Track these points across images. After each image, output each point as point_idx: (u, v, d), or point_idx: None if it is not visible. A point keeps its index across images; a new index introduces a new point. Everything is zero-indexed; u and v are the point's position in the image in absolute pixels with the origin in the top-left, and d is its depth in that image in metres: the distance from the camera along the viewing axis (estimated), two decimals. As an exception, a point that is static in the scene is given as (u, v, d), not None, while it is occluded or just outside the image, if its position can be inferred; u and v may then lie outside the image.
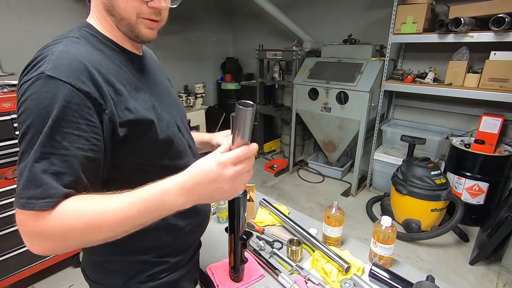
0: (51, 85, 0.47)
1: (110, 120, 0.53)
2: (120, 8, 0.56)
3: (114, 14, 0.57)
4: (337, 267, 0.93)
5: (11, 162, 1.63)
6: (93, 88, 0.51)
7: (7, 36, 2.50)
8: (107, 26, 0.61)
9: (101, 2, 0.58)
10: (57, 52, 0.50)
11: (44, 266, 1.79)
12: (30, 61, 0.51)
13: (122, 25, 0.59)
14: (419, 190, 2.28)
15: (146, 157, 0.63)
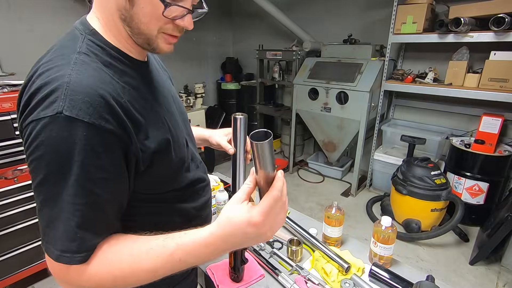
0: (72, 127, 0.41)
1: (134, 155, 0.50)
2: (141, 23, 0.50)
3: (132, 26, 0.51)
4: (337, 267, 0.93)
5: (11, 162, 1.63)
6: (116, 125, 0.46)
7: (7, 36, 2.50)
8: (116, 33, 0.53)
9: (115, 9, 0.50)
10: (72, 84, 0.43)
11: (44, 266, 1.79)
12: (35, 89, 0.43)
13: (139, 37, 0.53)
14: (419, 190, 2.28)
15: (163, 182, 0.60)
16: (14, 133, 1.60)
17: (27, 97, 0.44)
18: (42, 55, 0.51)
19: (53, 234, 0.44)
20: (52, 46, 0.52)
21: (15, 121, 1.59)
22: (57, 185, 0.43)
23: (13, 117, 1.58)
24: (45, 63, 0.46)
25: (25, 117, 0.44)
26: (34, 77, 0.46)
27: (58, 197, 0.43)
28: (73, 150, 0.42)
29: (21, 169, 1.63)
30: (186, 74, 4.06)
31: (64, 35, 0.53)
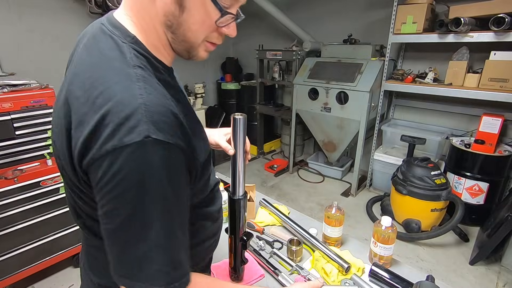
0: (161, 150, 0.39)
1: (195, 169, 0.49)
2: (189, 30, 0.48)
3: (177, 33, 0.48)
4: (337, 267, 0.93)
5: (11, 162, 1.63)
6: (186, 142, 0.44)
7: (7, 36, 2.50)
8: (154, 40, 0.49)
9: (161, 15, 0.46)
10: (148, 105, 0.39)
11: (44, 266, 1.79)
12: (105, 112, 0.38)
13: (180, 45, 0.50)
14: (419, 190, 2.28)
15: (202, 192, 0.59)
16: (14, 133, 1.60)
17: (96, 121, 0.38)
18: (73, 64, 0.46)
19: (149, 269, 0.41)
20: (83, 55, 0.46)
21: (15, 121, 1.59)
22: (151, 215, 0.40)
23: (13, 117, 1.58)
24: (100, 79, 0.41)
25: (101, 145, 0.38)
26: (91, 94, 0.40)
27: (151, 229, 0.40)
28: (164, 174, 0.40)
29: (21, 169, 1.63)
30: (186, 74, 4.06)
31: (97, 41, 0.46)
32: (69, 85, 0.46)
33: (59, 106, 0.49)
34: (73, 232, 1.86)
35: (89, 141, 0.39)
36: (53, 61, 2.74)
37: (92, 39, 0.47)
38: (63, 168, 0.50)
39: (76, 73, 0.45)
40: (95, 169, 0.39)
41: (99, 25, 0.49)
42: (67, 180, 0.51)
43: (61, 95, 0.49)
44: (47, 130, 1.72)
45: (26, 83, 1.69)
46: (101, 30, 0.48)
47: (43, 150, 1.73)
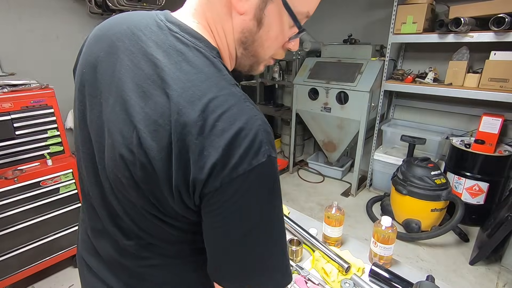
0: (275, 165, 0.42)
1: None
2: (261, 46, 0.48)
3: (249, 49, 0.49)
4: (337, 267, 0.93)
5: (11, 162, 1.63)
6: None
7: (7, 36, 2.50)
8: (226, 55, 0.50)
9: (238, 31, 0.46)
10: (263, 126, 0.41)
11: (44, 266, 1.79)
12: (234, 136, 0.38)
13: (249, 59, 0.51)
14: (419, 190, 2.28)
15: None
16: (14, 133, 1.60)
17: (223, 147, 0.38)
18: (182, 80, 0.41)
19: (272, 272, 0.46)
20: (184, 71, 0.41)
21: (15, 121, 1.59)
22: (272, 225, 0.44)
23: (13, 117, 1.58)
24: (214, 100, 0.39)
25: (232, 170, 0.38)
26: (208, 117, 0.38)
27: (272, 237, 0.44)
28: (278, 187, 0.44)
29: (21, 169, 1.63)
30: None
31: (184, 55, 0.43)
32: (171, 110, 0.40)
33: (152, 136, 0.41)
34: (73, 232, 1.86)
35: (217, 167, 0.38)
36: (53, 61, 2.74)
37: (172, 51, 0.43)
38: (152, 194, 0.44)
39: (179, 93, 0.40)
40: (222, 191, 0.39)
41: (169, 33, 0.45)
42: (148, 203, 0.45)
43: (141, 119, 0.42)
44: (47, 130, 1.72)
45: (26, 83, 1.69)
46: (179, 41, 0.44)
47: (43, 150, 1.73)
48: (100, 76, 0.48)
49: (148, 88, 0.42)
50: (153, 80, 0.42)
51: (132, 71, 0.44)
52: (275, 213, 0.44)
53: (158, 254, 0.52)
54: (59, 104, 1.75)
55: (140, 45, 0.45)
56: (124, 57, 0.45)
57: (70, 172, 1.78)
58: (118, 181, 0.46)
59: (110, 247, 0.55)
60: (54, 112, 1.73)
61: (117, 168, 0.45)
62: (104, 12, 2.81)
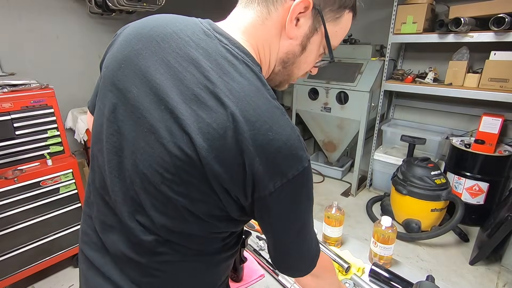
0: (310, 168, 0.48)
1: None
2: (298, 68, 0.57)
3: (287, 68, 0.56)
4: (337, 267, 0.93)
5: (11, 162, 1.63)
6: None
7: (7, 36, 2.50)
8: (265, 71, 0.55)
9: (283, 52, 0.53)
10: (299, 135, 0.47)
11: (44, 266, 1.79)
12: (280, 146, 0.43)
13: (283, 77, 0.58)
14: (419, 190, 2.28)
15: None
16: (14, 133, 1.60)
17: (272, 155, 0.43)
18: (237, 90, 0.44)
19: (313, 252, 0.58)
20: (238, 82, 0.44)
21: (15, 121, 1.59)
22: (311, 220, 0.55)
23: (13, 117, 1.58)
24: (265, 113, 0.44)
25: (282, 176, 0.44)
26: (261, 128, 0.42)
27: (311, 228, 0.56)
28: (312, 184, 0.51)
29: (21, 169, 1.63)
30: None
31: (235, 66, 0.46)
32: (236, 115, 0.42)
33: (206, 140, 0.43)
34: (73, 232, 1.86)
35: (267, 174, 0.43)
36: (53, 61, 2.74)
37: (224, 61, 0.46)
38: (184, 191, 0.47)
39: (235, 103, 0.43)
40: (276, 195, 0.45)
41: (218, 43, 0.47)
42: (183, 200, 0.47)
43: (195, 123, 0.43)
44: (47, 130, 1.72)
45: (26, 83, 1.69)
46: (230, 53, 0.47)
47: (43, 150, 1.73)
48: (140, 73, 0.48)
49: (199, 92, 0.44)
50: (205, 85, 0.44)
51: (181, 74, 0.46)
52: (311, 207, 0.53)
53: (174, 250, 0.53)
54: (59, 104, 1.75)
55: (189, 50, 0.47)
56: (171, 58, 0.47)
57: (70, 172, 1.78)
58: (159, 177, 0.47)
59: (122, 242, 0.55)
60: (54, 112, 1.73)
61: (158, 163, 0.46)
62: (104, 12, 2.80)
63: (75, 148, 2.86)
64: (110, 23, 3.12)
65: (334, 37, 0.54)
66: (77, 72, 2.85)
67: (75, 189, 1.82)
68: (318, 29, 0.52)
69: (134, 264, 0.55)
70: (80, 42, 3.02)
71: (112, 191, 0.53)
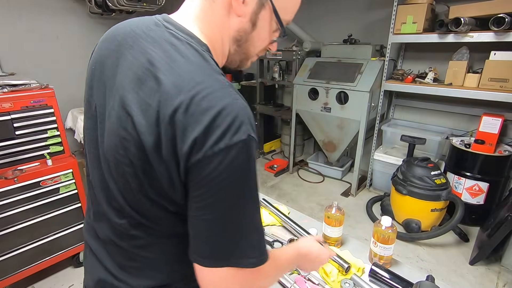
0: (255, 146, 0.46)
1: None
2: (252, 45, 0.57)
3: (242, 47, 0.57)
4: (337, 267, 0.93)
5: (11, 162, 1.63)
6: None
7: (7, 36, 2.50)
8: (218, 51, 0.55)
9: (234, 30, 0.54)
10: (245, 109, 0.45)
11: (44, 266, 1.79)
12: (215, 115, 0.42)
13: (240, 56, 0.59)
14: (419, 190, 2.28)
15: None
16: (14, 133, 1.60)
17: (206, 123, 0.42)
18: (173, 68, 0.46)
19: (247, 244, 0.49)
20: (175, 60, 0.47)
21: (15, 121, 1.59)
22: (252, 200, 0.48)
23: (13, 117, 1.58)
24: (200, 84, 0.44)
25: (214, 144, 0.42)
26: (194, 98, 0.43)
27: (249, 212, 0.48)
28: (255, 166, 0.47)
29: (21, 169, 1.63)
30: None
31: (177, 47, 0.48)
32: (160, 93, 0.45)
33: (144, 116, 0.46)
34: (73, 232, 1.86)
35: (199, 141, 0.43)
36: (53, 61, 2.74)
37: (166, 43, 0.49)
38: (143, 172, 0.48)
39: (168, 78, 0.45)
40: (204, 165, 0.43)
41: (165, 30, 0.51)
42: (138, 181, 0.49)
43: (135, 102, 0.47)
44: (47, 130, 1.72)
45: (26, 83, 1.69)
46: (173, 36, 0.50)
47: (43, 150, 1.73)
48: (106, 71, 0.54)
49: (142, 75, 0.48)
50: (147, 68, 0.47)
51: (130, 63, 0.50)
52: (252, 192, 0.48)
53: (147, 233, 0.56)
54: (59, 104, 1.75)
55: (140, 41, 0.51)
56: (127, 53, 0.52)
57: (70, 172, 1.78)
58: (116, 161, 0.51)
59: (107, 228, 0.59)
60: (54, 112, 1.73)
61: (115, 149, 0.50)
62: (104, 12, 2.81)
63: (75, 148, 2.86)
64: (110, 23, 3.12)
65: (284, 11, 0.55)
66: (77, 72, 2.85)
67: (75, 189, 1.83)
68: (265, 4, 0.53)
69: (118, 249, 0.59)
70: (80, 42, 3.02)
71: (93, 180, 0.60)
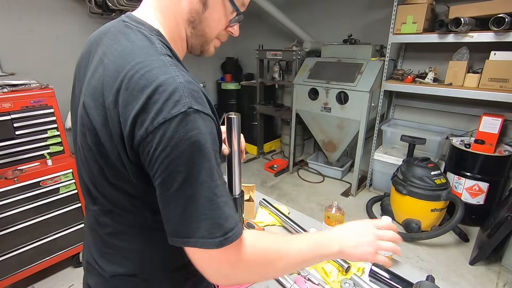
0: (201, 119, 0.45)
1: (220, 148, 0.57)
2: (208, 26, 0.57)
3: (197, 28, 0.57)
4: (337, 267, 0.93)
5: (11, 162, 1.63)
6: (216, 118, 0.51)
7: (7, 36, 2.50)
8: (174, 35, 0.56)
9: (185, 12, 0.54)
10: (185, 84, 0.45)
11: (44, 266, 1.79)
12: (152, 92, 0.43)
13: (198, 39, 0.59)
14: (419, 190, 2.28)
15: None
16: (14, 133, 1.60)
17: (143, 100, 0.43)
18: (103, 57, 0.50)
19: (206, 225, 0.45)
20: (113, 47, 0.50)
21: (15, 121, 1.59)
22: (207, 174, 0.45)
23: (13, 117, 1.58)
24: (140, 63, 0.46)
25: (152, 119, 0.43)
26: (133, 76, 0.45)
27: (205, 187, 0.45)
28: (209, 138, 0.46)
29: (21, 169, 1.63)
30: (186, 74, 4.06)
31: (125, 34, 0.51)
32: (104, 75, 0.48)
33: (92, 99, 0.50)
34: (73, 232, 1.86)
35: (139, 118, 0.44)
36: (53, 61, 2.74)
37: (119, 33, 0.52)
38: (100, 155, 0.51)
39: (112, 61, 0.49)
40: (148, 142, 0.44)
41: (122, 23, 0.54)
42: (98, 166, 0.52)
43: (88, 88, 0.51)
44: (47, 130, 1.72)
45: (26, 83, 1.69)
46: (126, 26, 0.53)
47: (43, 150, 1.73)
48: (81, 72, 0.58)
49: (96, 66, 0.52)
50: (100, 58, 0.51)
51: (94, 59, 0.54)
52: (205, 165, 0.45)
53: (116, 221, 0.58)
54: (59, 104, 1.75)
55: (103, 39, 0.54)
56: (94, 53, 0.55)
57: (70, 172, 1.79)
58: (81, 149, 0.56)
59: (91, 216, 0.63)
60: (54, 112, 1.73)
61: (80, 136, 0.55)
62: (104, 12, 2.81)
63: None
64: (110, 23, 3.13)
65: None
66: (77, 72, 2.86)
67: (75, 189, 1.83)
68: None
69: (96, 235, 0.62)
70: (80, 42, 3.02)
71: (78, 171, 0.64)
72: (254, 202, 1.27)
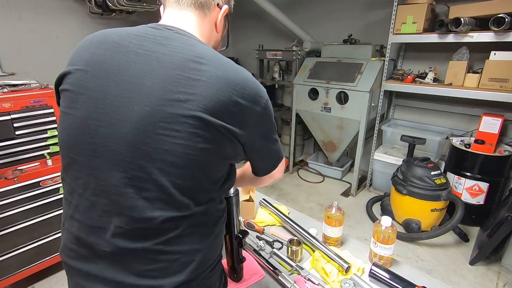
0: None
1: None
2: (217, 48, 0.78)
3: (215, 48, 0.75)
4: (337, 267, 0.93)
5: (11, 162, 1.63)
6: None
7: (7, 36, 2.50)
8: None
9: (214, 41, 0.75)
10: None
11: (44, 266, 1.79)
12: (255, 90, 0.64)
13: None
14: (419, 190, 2.28)
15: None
16: (14, 133, 1.60)
17: (253, 95, 0.63)
18: (212, 61, 0.65)
19: (280, 150, 0.73)
20: (209, 54, 0.65)
21: (15, 121, 1.59)
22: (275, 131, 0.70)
23: (13, 117, 1.58)
24: (221, 61, 0.68)
25: (258, 105, 0.63)
26: (237, 79, 0.66)
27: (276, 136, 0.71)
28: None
29: (21, 169, 1.63)
30: (186, 74, 4.06)
31: (182, 37, 0.61)
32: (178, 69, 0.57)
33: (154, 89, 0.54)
34: (73, 232, 1.86)
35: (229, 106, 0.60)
36: (53, 61, 2.74)
37: (173, 38, 0.60)
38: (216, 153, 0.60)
39: (226, 66, 0.68)
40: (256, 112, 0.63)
41: (166, 28, 0.62)
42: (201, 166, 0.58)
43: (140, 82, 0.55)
44: (47, 130, 1.72)
45: (26, 83, 1.69)
46: (179, 33, 0.62)
47: (43, 150, 1.73)
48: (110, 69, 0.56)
49: (185, 64, 0.60)
50: (193, 59, 0.61)
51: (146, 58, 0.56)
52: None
53: (188, 223, 0.59)
54: (59, 104, 1.75)
55: (146, 41, 0.58)
56: (132, 50, 0.57)
57: (70, 172, 1.78)
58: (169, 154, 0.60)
59: (131, 234, 0.58)
60: (54, 112, 1.73)
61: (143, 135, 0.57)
62: (104, 12, 2.81)
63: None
64: (110, 23, 3.12)
65: (223, 27, 0.78)
66: (77, 72, 2.86)
67: (75, 189, 1.82)
68: (226, 21, 0.77)
69: (134, 255, 0.62)
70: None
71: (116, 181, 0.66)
72: (254, 202, 1.27)
